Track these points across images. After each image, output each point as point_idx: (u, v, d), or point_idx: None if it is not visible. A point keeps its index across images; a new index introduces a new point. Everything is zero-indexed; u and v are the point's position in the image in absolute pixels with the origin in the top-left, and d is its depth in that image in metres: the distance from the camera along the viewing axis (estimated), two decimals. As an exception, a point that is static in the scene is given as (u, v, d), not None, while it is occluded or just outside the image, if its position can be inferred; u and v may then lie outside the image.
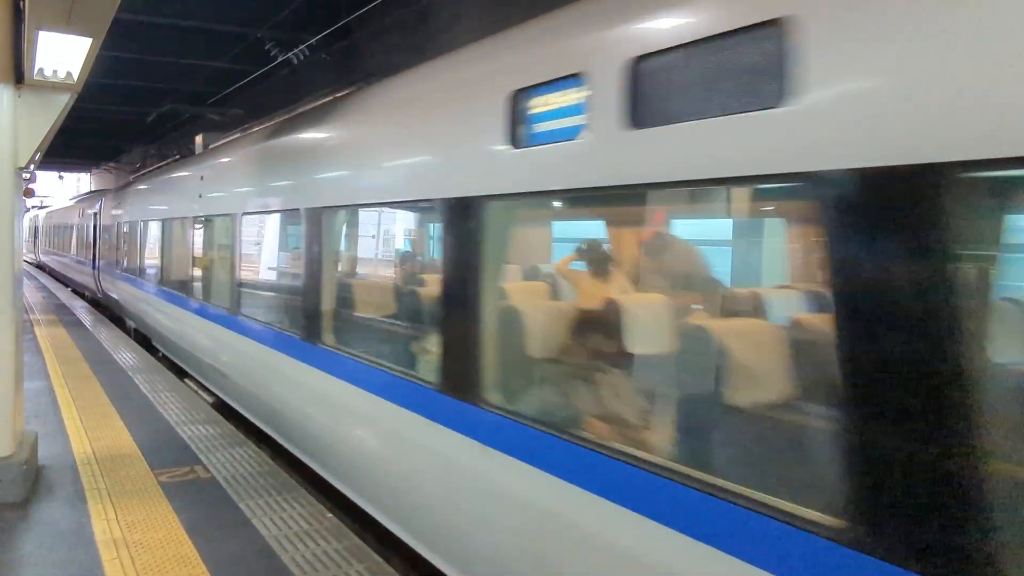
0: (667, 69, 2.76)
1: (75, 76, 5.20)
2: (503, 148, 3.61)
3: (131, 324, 15.07)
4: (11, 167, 5.35)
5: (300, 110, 7.49)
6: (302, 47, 13.84)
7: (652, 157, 2.80)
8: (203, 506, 5.27)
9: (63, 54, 4.71)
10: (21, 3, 5.31)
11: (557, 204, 4.71)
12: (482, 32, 4.65)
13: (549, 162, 3.30)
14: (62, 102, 5.57)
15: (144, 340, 13.67)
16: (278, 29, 13.52)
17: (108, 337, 13.49)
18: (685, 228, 4.75)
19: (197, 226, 10.07)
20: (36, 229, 40.14)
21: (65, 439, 6.81)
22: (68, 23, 3.86)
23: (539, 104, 3.42)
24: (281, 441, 6.66)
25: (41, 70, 5.09)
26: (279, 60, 14.00)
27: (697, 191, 3.13)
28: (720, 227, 5.22)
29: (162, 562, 4.38)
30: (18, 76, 5.35)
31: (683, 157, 2.67)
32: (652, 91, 2.82)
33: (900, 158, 1.99)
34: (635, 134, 2.86)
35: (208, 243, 9.79)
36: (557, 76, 3.28)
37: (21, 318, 5.57)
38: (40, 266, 37.58)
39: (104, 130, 27.22)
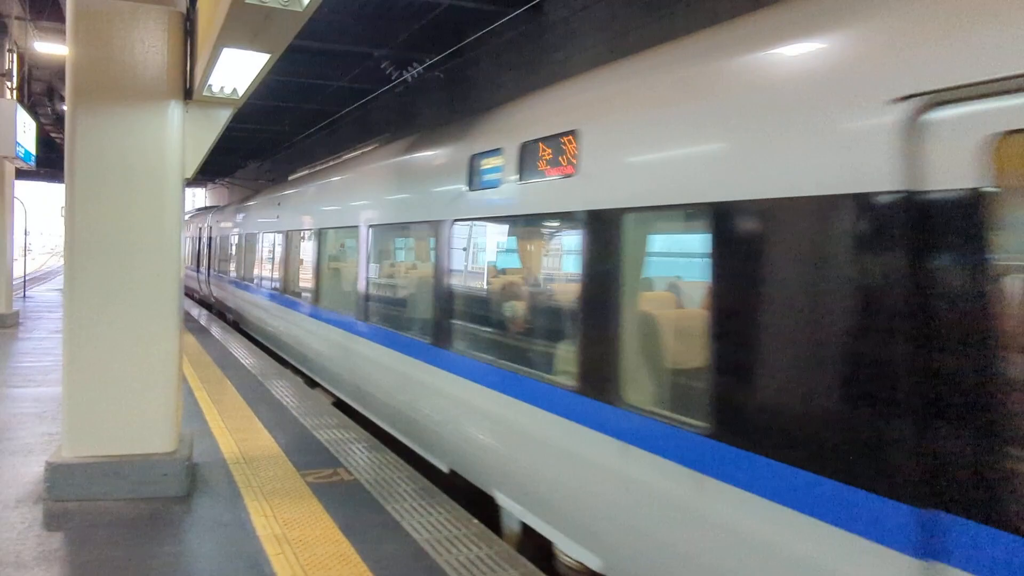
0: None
1: (240, 92, 5.47)
2: None
3: (230, 318, 17.84)
4: (180, 179, 5.68)
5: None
6: (420, 68, 14.21)
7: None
8: (351, 507, 5.41)
9: (234, 71, 4.95)
10: (187, 24, 5.66)
11: None
12: (599, 50, 4.81)
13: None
14: (224, 117, 5.87)
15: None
16: (397, 49, 13.93)
17: (231, 341, 14.10)
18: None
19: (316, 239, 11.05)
20: None
21: (212, 439, 7.12)
22: (254, 41, 4.06)
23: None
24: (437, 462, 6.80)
25: (210, 86, 5.37)
26: (399, 79, 14.38)
27: None
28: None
29: (324, 559, 4.51)
30: (186, 93, 5.69)
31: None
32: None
33: None
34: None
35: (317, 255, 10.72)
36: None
37: (183, 323, 5.87)
38: None
39: (225, 147, 28.60)
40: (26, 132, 12.49)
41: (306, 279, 11.22)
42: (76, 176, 5.39)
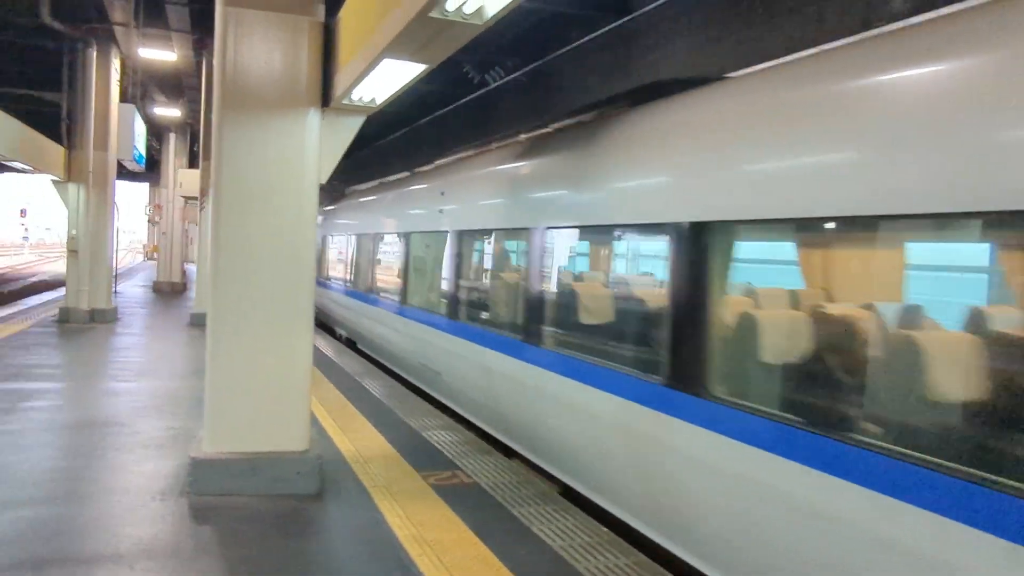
0: None
1: (379, 101, 5.61)
2: None
3: (341, 332, 16.50)
4: (315, 186, 5.84)
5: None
6: (507, 78, 14.29)
7: None
8: (478, 510, 5.48)
9: (380, 80, 5.07)
10: (326, 32, 5.81)
11: None
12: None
13: None
14: (357, 124, 6.03)
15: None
16: (486, 54, 14.03)
17: (323, 343, 14.41)
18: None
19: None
20: None
21: (328, 439, 7.29)
22: (419, 52, 4.15)
23: None
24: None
25: (350, 95, 5.51)
26: (489, 85, 14.50)
27: None
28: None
29: (465, 562, 4.58)
30: (323, 100, 5.85)
31: None
32: None
33: None
34: None
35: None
36: None
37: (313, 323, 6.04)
38: None
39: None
40: (139, 136, 13.07)
41: (504, 301, 8.23)
42: (222, 184, 5.58)
